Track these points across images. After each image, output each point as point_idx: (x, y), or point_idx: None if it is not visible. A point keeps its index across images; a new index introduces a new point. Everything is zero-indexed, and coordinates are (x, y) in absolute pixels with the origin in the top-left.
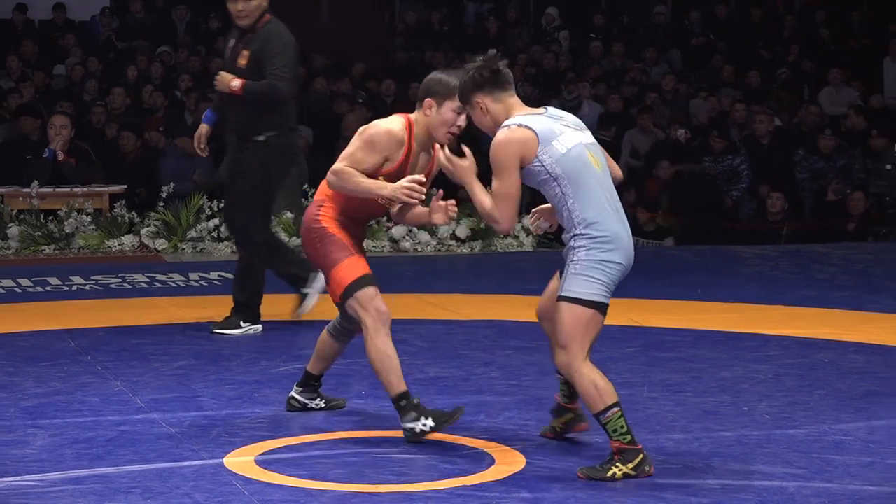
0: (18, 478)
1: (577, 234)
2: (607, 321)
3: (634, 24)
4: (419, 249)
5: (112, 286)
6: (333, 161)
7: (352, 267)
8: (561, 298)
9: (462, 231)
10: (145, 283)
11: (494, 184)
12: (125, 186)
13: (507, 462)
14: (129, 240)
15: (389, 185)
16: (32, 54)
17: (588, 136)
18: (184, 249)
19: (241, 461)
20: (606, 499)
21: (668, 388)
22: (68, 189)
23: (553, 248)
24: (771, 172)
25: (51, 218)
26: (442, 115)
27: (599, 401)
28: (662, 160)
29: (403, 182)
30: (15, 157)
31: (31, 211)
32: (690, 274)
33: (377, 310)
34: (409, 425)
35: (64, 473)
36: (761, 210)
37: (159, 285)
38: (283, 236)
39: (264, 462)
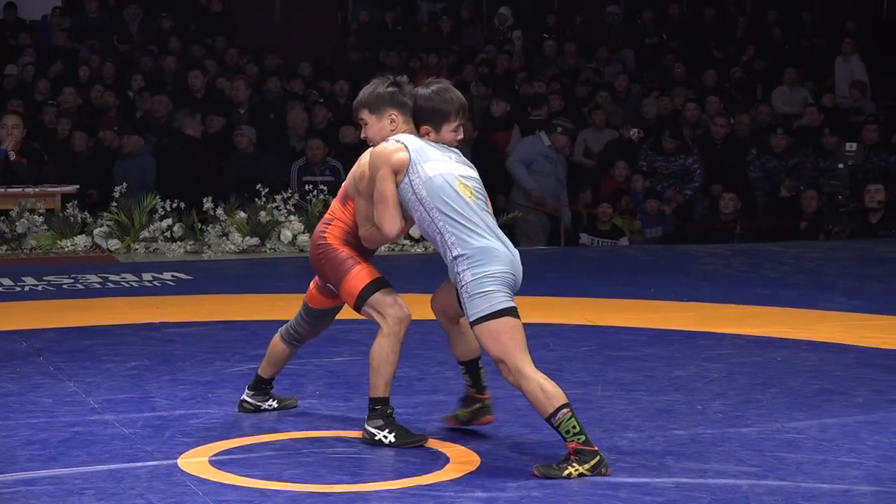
0: None
1: (454, 259)
2: (562, 320)
3: (587, 23)
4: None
5: (65, 287)
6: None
7: (361, 274)
8: (472, 325)
9: (416, 230)
10: (98, 283)
11: (376, 191)
12: (77, 186)
13: (462, 461)
14: (81, 240)
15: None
16: None
17: (467, 171)
18: (136, 250)
19: (195, 461)
20: (561, 498)
21: (622, 386)
22: (20, 189)
23: None
24: (723, 172)
25: (2, 218)
26: (442, 136)
27: (548, 404)
28: (619, 160)
29: None
30: None
31: None
32: (644, 273)
33: (395, 315)
34: (372, 430)
35: (17, 475)
36: (714, 209)
37: (112, 286)
38: (237, 237)
39: (218, 462)
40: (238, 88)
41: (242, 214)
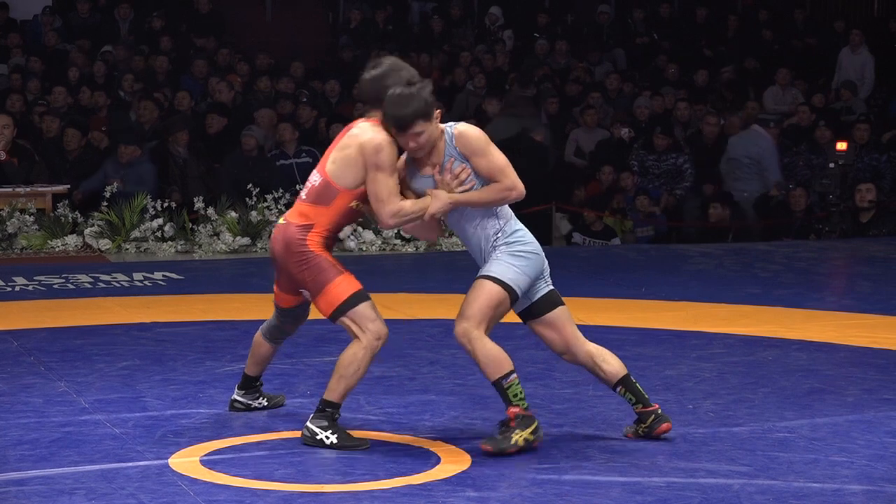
0: None
1: (498, 230)
2: None
3: (578, 23)
4: (364, 249)
5: (55, 286)
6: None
7: (344, 284)
8: (482, 277)
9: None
10: (89, 283)
11: (486, 162)
12: (68, 186)
13: (453, 461)
14: (72, 240)
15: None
16: None
17: None
18: (127, 249)
19: (187, 461)
20: (553, 497)
21: None
22: (10, 189)
23: None
24: (714, 171)
25: None
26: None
27: (497, 368)
28: (605, 164)
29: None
30: None
31: None
32: (635, 272)
33: (375, 331)
34: (315, 429)
35: (7, 475)
36: (705, 209)
37: (103, 285)
38: (228, 237)
39: (209, 462)
40: (220, 91)
41: (233, 214)
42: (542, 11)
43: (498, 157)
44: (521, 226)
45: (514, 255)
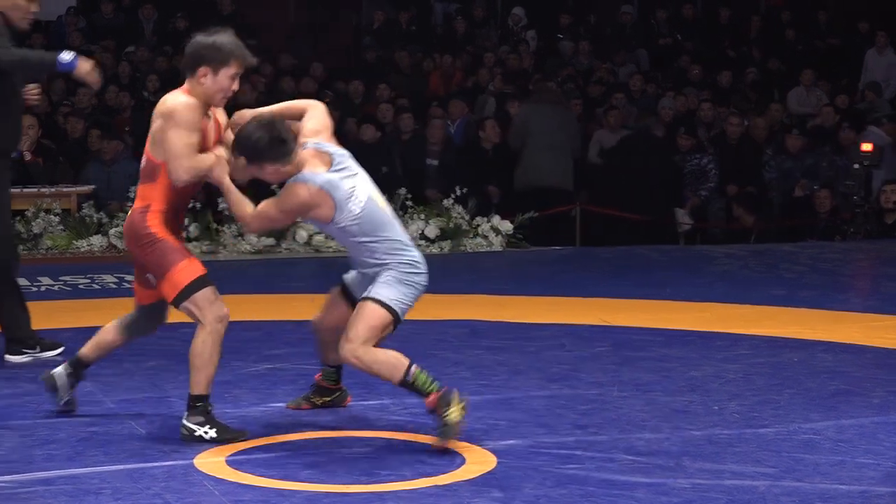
0: None
1: (385, 263)
2: (577, 320)
3: (601, 23)
4: None
5: (81, 287)
6: None
7: (188, 269)
8: (367, 298)
9: (431, 231)
10: (114, 283)
11: (270, 205)
12: (93, 187)
13: (478, 461)
14: (97, 240)
15: (212, 159)
16: None
17: (367, 179)
18: None
19: (212, 461)
20: (578, 498)
21: (638, 387)
22: (36, 189)
23: (522, 247)
24: (738, 172)
25: (18, 218)
26: (219, 82)
27: (394, 370)
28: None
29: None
30: None
31: None
32: (659, 273)
33: (217, 314)
34: (191, 426)
35: (34, 474)
36: (729, 209)
37: (128, 286)
38: (252, 237)
39: (235, 462)
40: (243, 91)
41: None
42: (564, 12)
43: (279, 208)
44: (414, 255)
45: (399, 284)
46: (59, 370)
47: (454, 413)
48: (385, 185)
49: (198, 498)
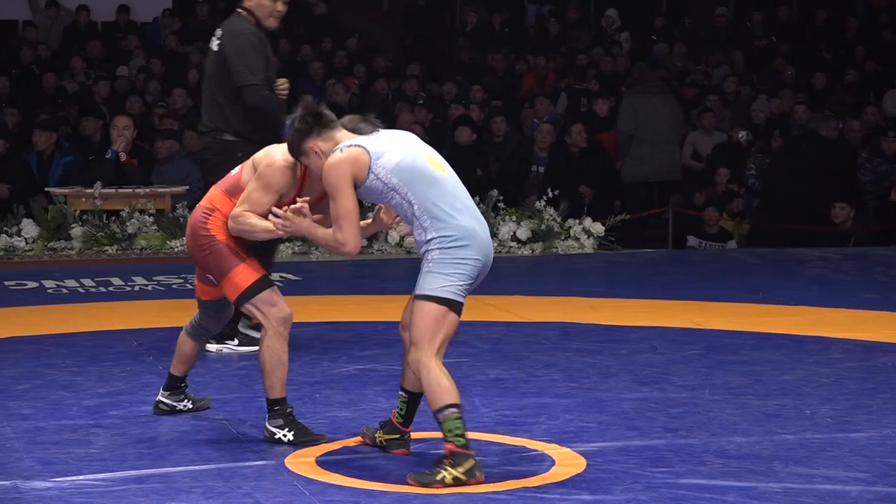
0: (81, 477)
1: (429, 239)
2: (668, 323)
3: (696, 25)
4: None
5: (174, 286)
6: None
7: (247, 271)
8: (416, 297)
9: (523, 233)
10: None
11: (332, 206)
12: (187, 187)
13: (568, 464)
14: None
15: (264, 226)
16: (97, 56)
17: (425, 147)
18: None
19: (303, 461)
20: (669, 501)
21: (730, 390)
22: (130, 190)
23: (615, 249)
24: (833, 174)
25: (113, 218)
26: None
27: (439, 398)
28: (721, 167)
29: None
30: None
31: (93, 212)
32: (752, 276)
33: (278, 315)
34: (272, 429)
35: (126, 473)
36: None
37: None
38: None
39: (325, 462)
40: (337, 93)
41: None
42: (659, 14)
43: (343, 204)
44: (456, 226)
45: (445, 264)
46: (161, 398)
47: (451, 475)
48: (479, 187)
49: (288, 498)
